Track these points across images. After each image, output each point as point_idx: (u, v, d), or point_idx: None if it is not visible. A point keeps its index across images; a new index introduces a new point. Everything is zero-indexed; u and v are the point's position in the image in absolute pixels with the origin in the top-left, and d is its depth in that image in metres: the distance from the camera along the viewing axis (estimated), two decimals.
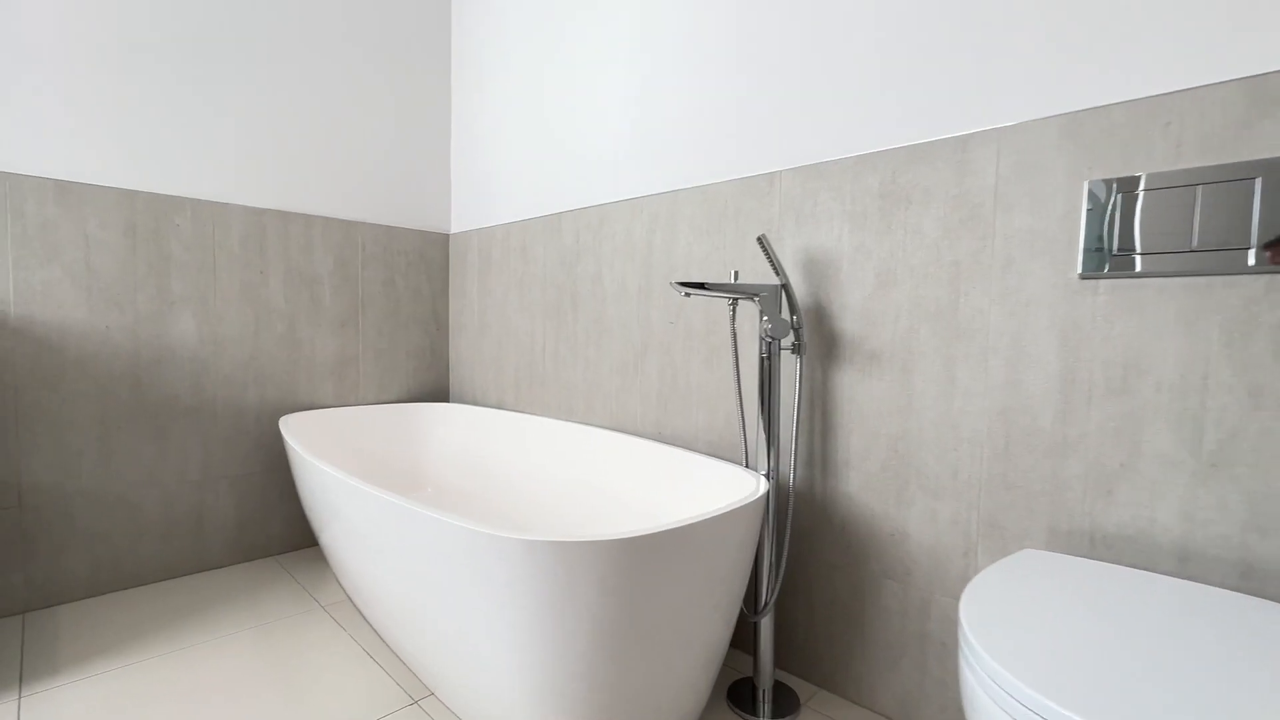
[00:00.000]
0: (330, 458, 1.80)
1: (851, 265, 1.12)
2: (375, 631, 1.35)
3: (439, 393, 2.15)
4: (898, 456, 1.07)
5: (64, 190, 1.42)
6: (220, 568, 1.69)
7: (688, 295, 1.08)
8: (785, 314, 1.14)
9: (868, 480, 1.11)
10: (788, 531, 1.13)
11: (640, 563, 0.81)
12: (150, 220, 1.54)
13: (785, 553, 1.12)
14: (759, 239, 1.08)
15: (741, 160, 1.29)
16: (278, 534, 1.80)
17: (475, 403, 2.05)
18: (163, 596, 1.52)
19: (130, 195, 1.51)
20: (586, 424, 1.64)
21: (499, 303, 1.93)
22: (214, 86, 1.63)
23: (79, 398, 1.46)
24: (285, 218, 1.76)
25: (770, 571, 1.12)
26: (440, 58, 2.08)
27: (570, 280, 1.68)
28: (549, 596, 0.79)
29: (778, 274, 1.11)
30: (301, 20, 1.77)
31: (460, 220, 2.09)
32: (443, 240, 2.12)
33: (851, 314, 1.12)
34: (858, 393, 1.12)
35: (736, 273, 1.14)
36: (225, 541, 1.70)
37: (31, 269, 1.39)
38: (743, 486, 1.11)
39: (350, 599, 1.48)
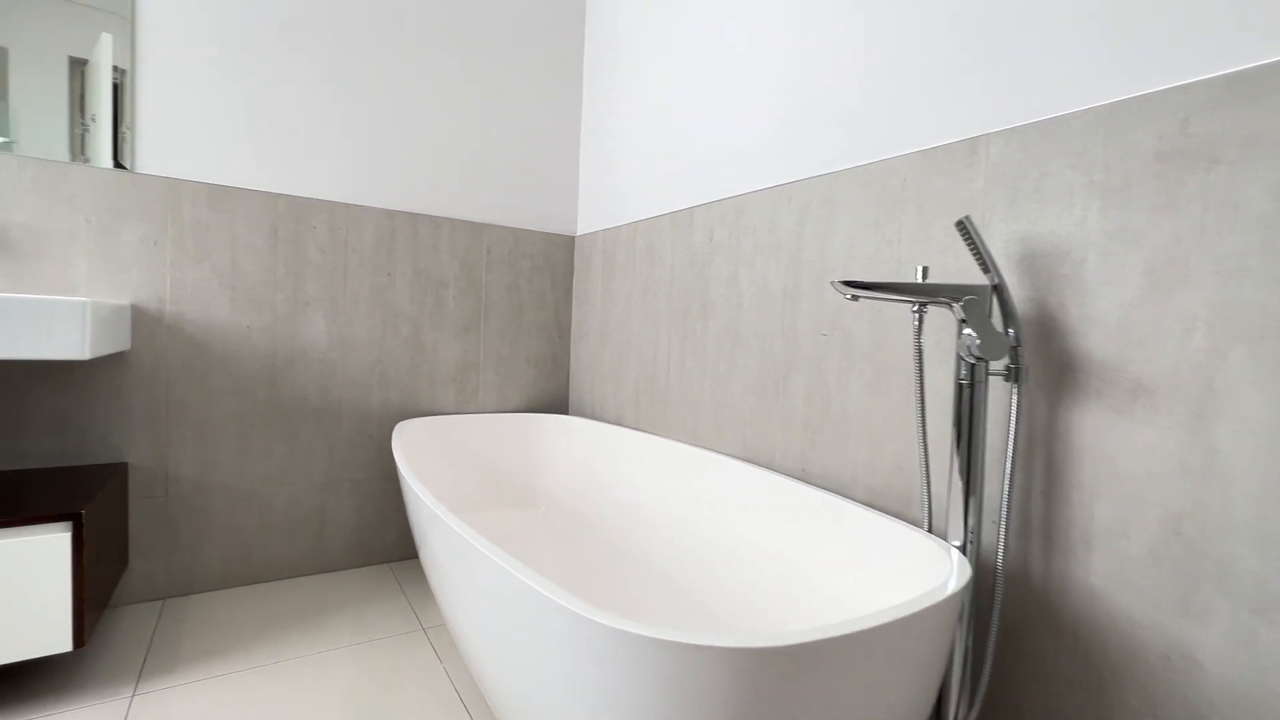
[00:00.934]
0: (443, 468, 1.73)
1: (1102, 258, 0.78)
2: (466, 668, 1.21)
3: (559, 403, 2.03)
4: (1182, 541, 0.71)
5: (216, 194, 1.47)
6: (338, 570, 1.68)
7: (854, 298, 0.82)
8: (998, 326, 0.83)
9: (1124, 569, 0.76)
10: (993, 630, 0.81)
11: (784, 677, 0.56)
12: (290, 223, 1.56)
13: (989, 661, 0.80)
14: (960, 222, 0.79)
15: (926, 125, 0.99)
16: (393, 541, 1.77)
17: (594, 416, 1.90)
18: (281, 597, 1.51)
19: (273, 199, 1.54)
20: (715, 450, 1.40)
21: (621, 309, 1.76)
22: (353, 89, 1.63)
23: (221, 395, 1.50)
24: (415, 220, 1.74)
25: (964, 684, 0.81)
26: (573, 48, 1.98)
27: (700, 283, 1.46)
28: (657, 711, 0.57)
29: (987, 271, 0.80)
30: (436, 19, 1.74)
31: (586, 221, 1.97)
32: (568, 243, 2.00)
33: (1101, 328, 0.78)
34: (1110, 441, 0.77)
35: (925, 269, 0.85)
36: (344, 545, 1.69)
37: (185, 269, 1.45)
38: (929, 563, 0.82)
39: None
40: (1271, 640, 0.65)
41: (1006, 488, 0.81)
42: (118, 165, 1.37)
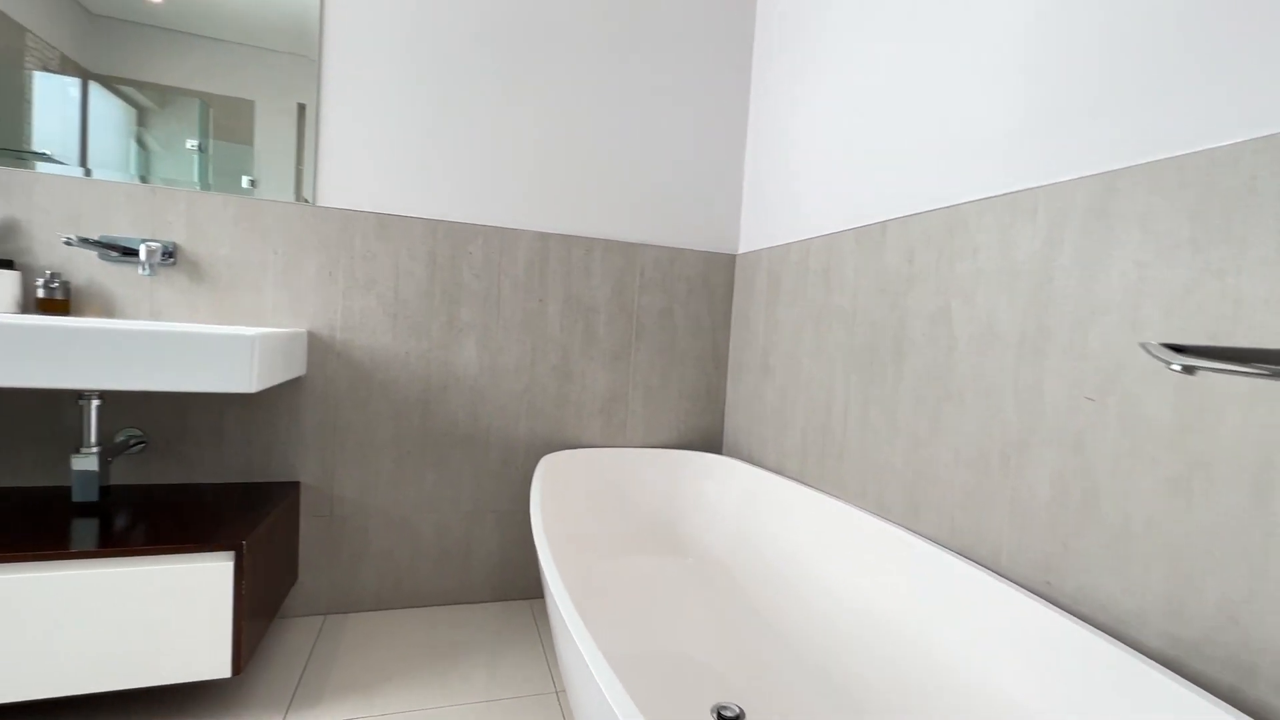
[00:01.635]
0: (585, 506, 1.61)
1: None
2: None
3: (712, 441, 1.83)
4: None
5: (384, 223, 1.50)
6: (481, 602, 1.64)
7: (1187, 371, 0.51)
8: None
9: None
10: None
11: None
12: (448, 249, 1.55)
13: None
14: None
15: None
16: (535, 579, 1.69)
17: (750, 459, 1.66)
18: (427, 626, 1.49)
19: (433, 225, 1.54)
20: (907, 530, 1.10)
21: (788, 341, 1.51)
22: (509, 110, 1.59)
23: (380, 420, 1.53)
24: (568, 242, 1.65)
25: None
26: (741, 35, 1.78)
27: (894, 316, 1.17)
28: None
29: None
30: (590, 29, 1.64)
31: (749, 238, 1.75)
32: (728, 262, 1.80)
33: None
34: None
35: None
36: (488, 578, 1.64)
37: (355, 297, 1.49)
38: None
39: None
40: None
41: None
42: (301, 199, 1.44)
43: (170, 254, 1.35)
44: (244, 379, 1.07)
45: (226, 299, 1.40)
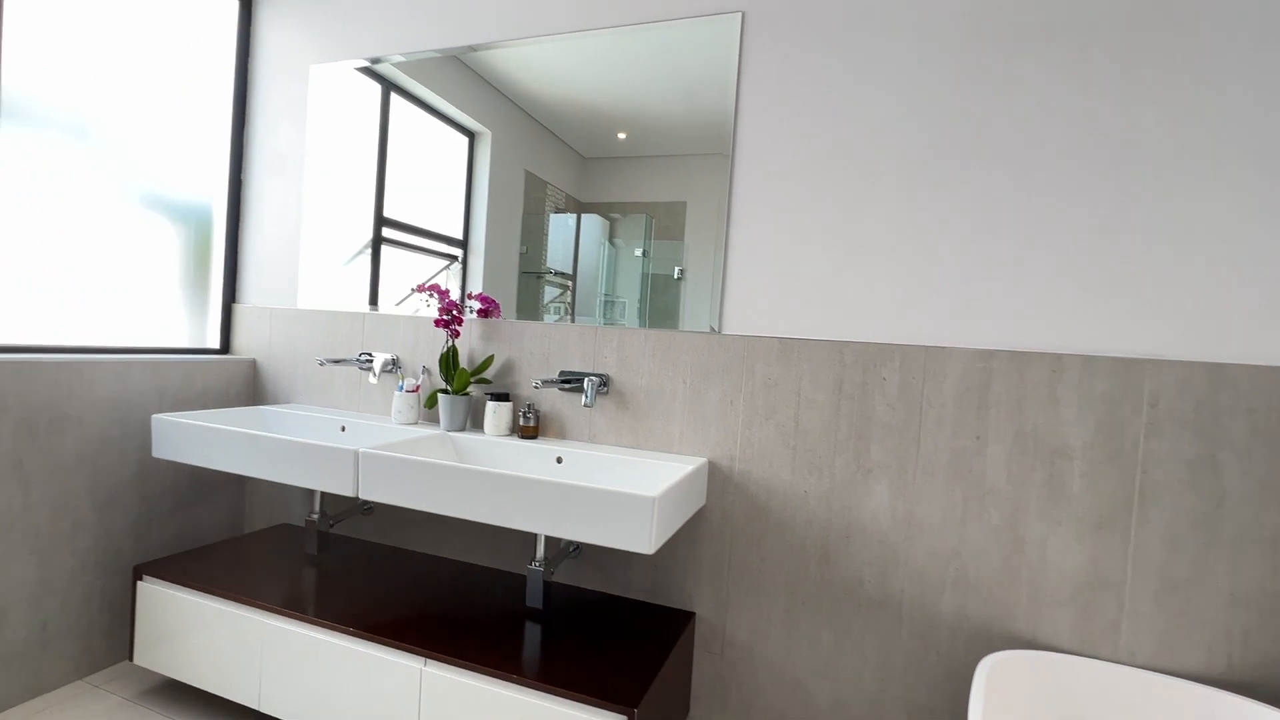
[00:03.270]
0: None
1: None
2: None
3: None
4: None
5: (785, 348, 1.38)
6: None
7: None
8: None
9: None
10: None
11: None
12: (857, 374, 1.32)
13: None
14: None
15: None
16: None
17: None
18: None
19: (839, 348, 1.33)
20: None
21: None
22: (937, 205, 1.27)
23: (775, 562, 1.38)
24: (1020, 360, 1.21)
25: None
26: None
27: None
28: None
29: None
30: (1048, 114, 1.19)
31: None
32: None
33: None
34: None
35: None
36: None
37: (754, 426, 1.40)
38: None
39: None
40: None
41: None
42: (709, 328, 1.44)
43: (605, 384, 1.52)
44: (643, 539, 1.06)
45: (643, 426, 1.49)
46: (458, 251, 1.72)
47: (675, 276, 1.49)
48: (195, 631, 1.42)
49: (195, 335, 1.89)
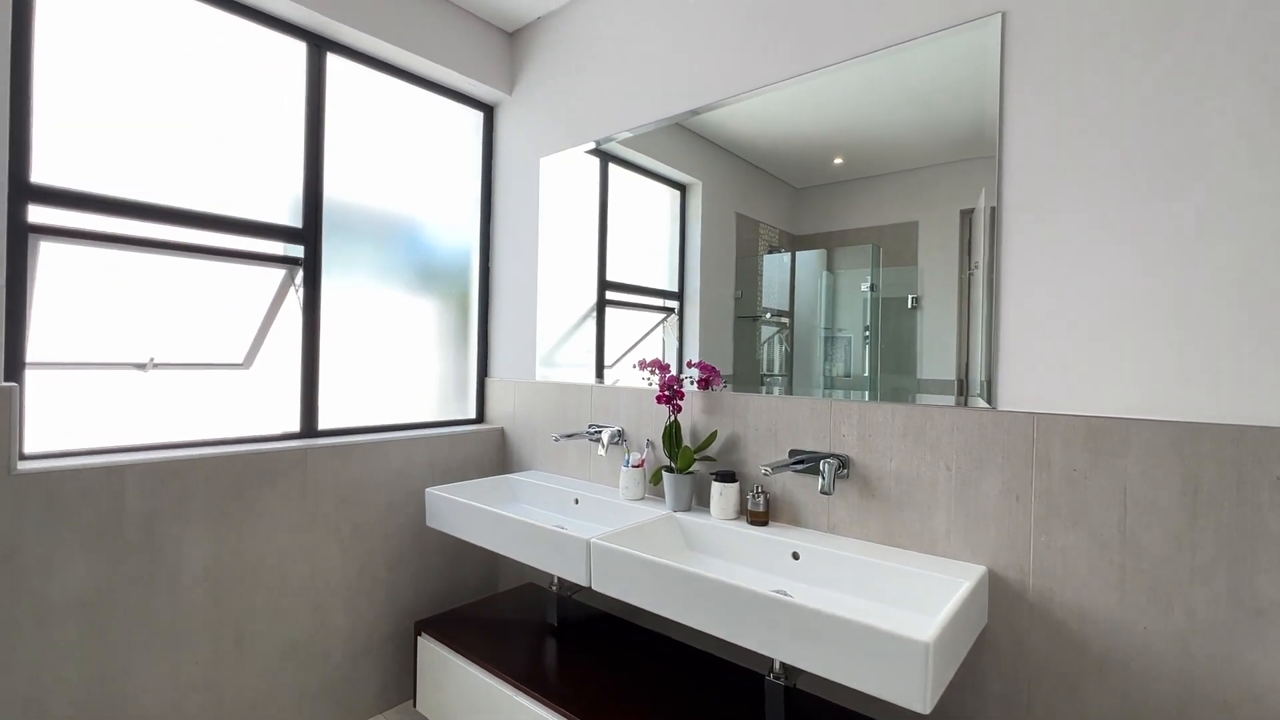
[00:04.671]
0: None
1: None
2: None
3: None
4: None
5: (1097, 431, 1.04)
6: None
7: None
8: None
9: None
10: None
11: None
12: (1227, 470, 0.93)
13: None
14: None
15: None
16: None
17: None
18: None
19: (1192, 432, 0.96)
20: None
21: None
22: None
23: (1099, 714, 1.03)
24: None
25: None
26: None
27: None
28: None
29: None
30: None
31: None
32: None
33: None
34: None
35: None
36: None
37: (1054, 532, 1.08)
38: None
39: None
40: None
41: None
42: (967, 399, 1.16)
43: (844, 466, 1.32)
44: (914, 693, 0.84)
45: (896, 518, 1.25)
46: (673, 303, 1.72)
47: (909, 305, 1.27)
48: (456, 690, 1.55)
49: (459, 407, 2.15)
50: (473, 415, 2.19)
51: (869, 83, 1.33)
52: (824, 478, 1.27)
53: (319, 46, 1.74)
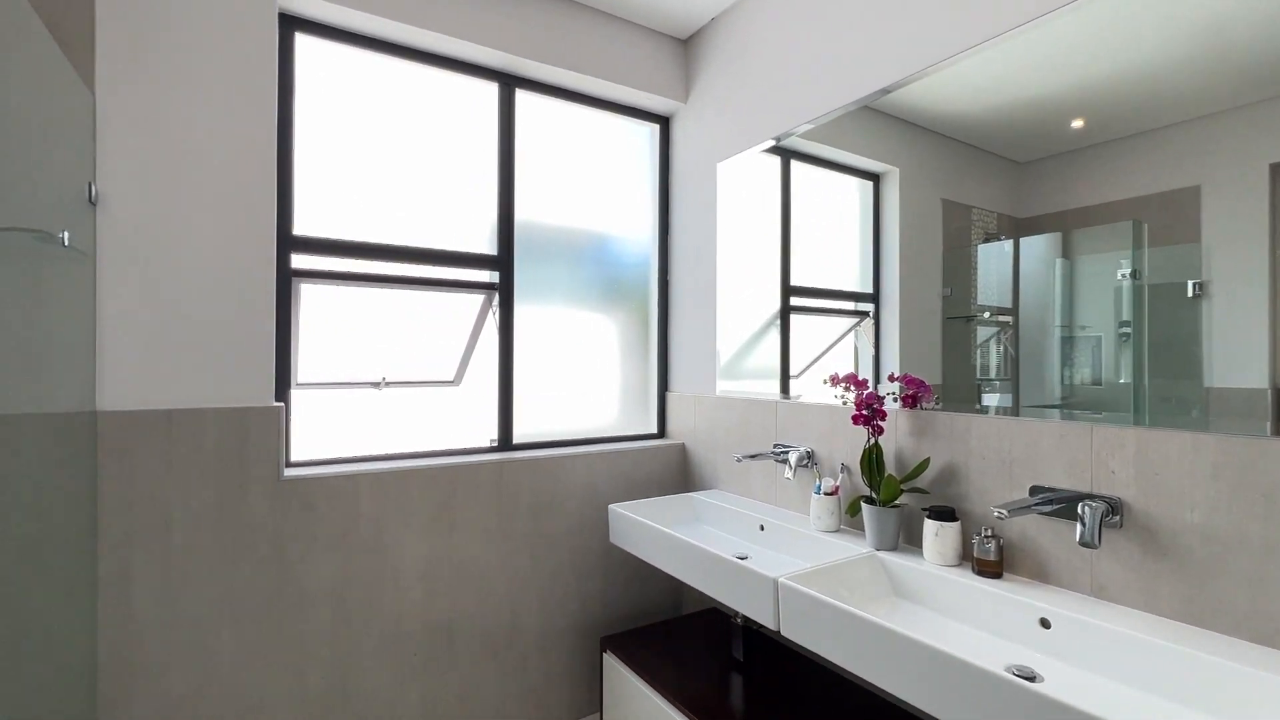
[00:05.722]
0: None
1: None
2: None
3: None
4: None
5: None
6: None
7: None
8: None
9: None
10: None
11: None
12: None
13: None
14: None
15: None
16: None
17: None
18: None
19: None
20: None
21: None
22: None
23: None
24: None
25: None
26: None
27: None
28: None
29: None
30: None
31: None
32: None
33: None
34: None
35: None
36: None
37: None
38: None
39: None
40: None
41: None
42: None
43: (1115, 513, 1.01)
44: None
45: (1205, 591, 0.92)
46: (867, 306, 1.53)
47: (1188, 292, 0.96)
48: (638, 714, 1.50)
49: (640, 421, 2.15)
50: (654, 430, 2.17)
51: (1126, 16, 1.03)
52: (1084, 525, 0.98)
53: (508, 84, 1.86)
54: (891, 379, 1.41)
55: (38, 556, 1.18)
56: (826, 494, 1.45)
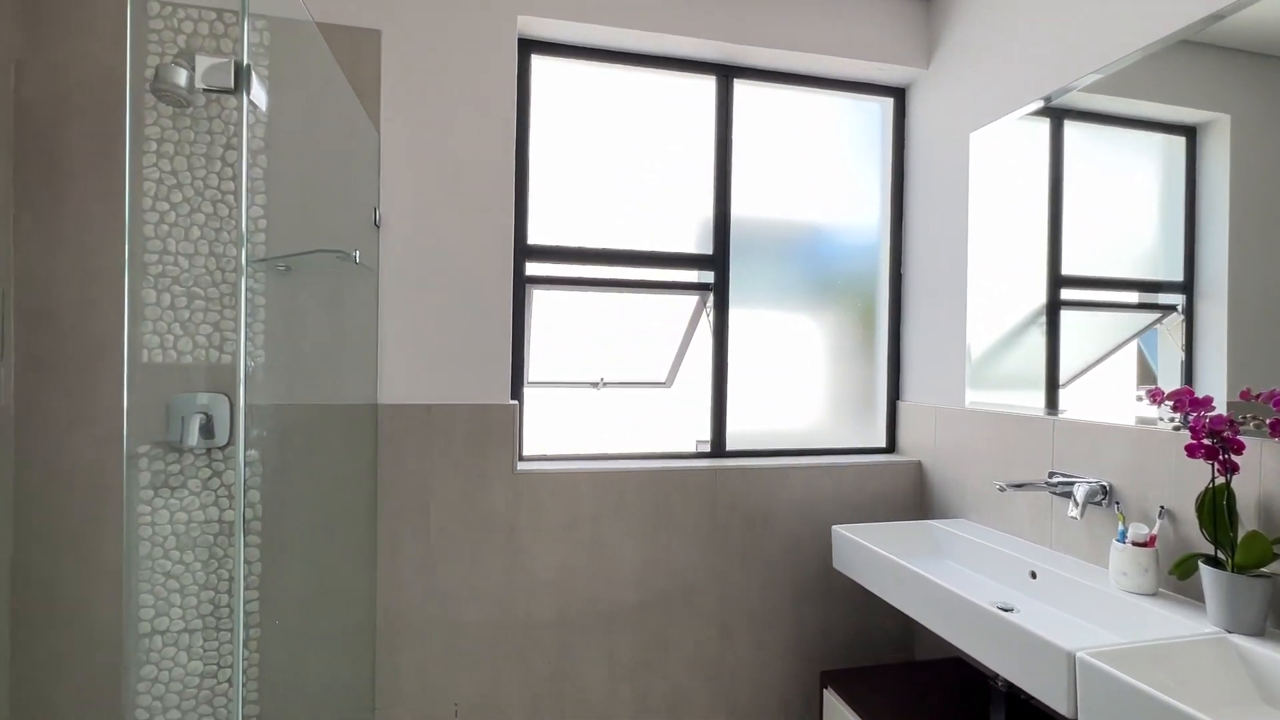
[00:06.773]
0: None
1: None
2: None
3: None
4: None
5: None
6: None
7: None
8: None
9: None
10: None
11: None
12: None
13: None
14: None
15: None
16: None
17: None
18: None
19: None
20: None
21: None
22: None
23: None
24: None
25: None
26: None
27: None
28: None
29: None
30: None
31: None
32: None
33: None
34: None
35: None
36: None
37: None
38: None
39: None
40: None
41: None
42: None
43: None
44: None
45: None
46: (1173, 298, 1.20)
47: None
48: None
49: (863, 433, 1.92)
50: (881, 444, 1.92)
51: None
52: None
53: (727, 76, 1.78)
54: (1246, 397, 1.03)
55: (344, 524, 1.40)
56: (1136, 544, 1.11)
